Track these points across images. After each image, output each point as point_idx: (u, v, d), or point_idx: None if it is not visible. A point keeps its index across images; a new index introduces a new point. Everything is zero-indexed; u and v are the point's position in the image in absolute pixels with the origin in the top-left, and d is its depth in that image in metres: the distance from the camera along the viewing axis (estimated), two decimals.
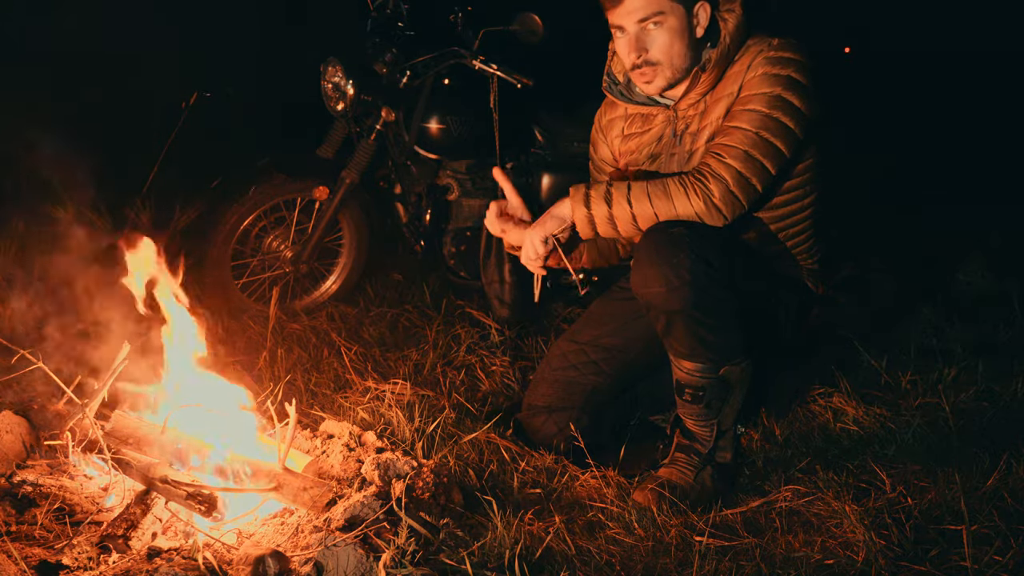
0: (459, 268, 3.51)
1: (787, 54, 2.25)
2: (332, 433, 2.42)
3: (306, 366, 2.99)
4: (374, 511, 2.01)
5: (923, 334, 3.19)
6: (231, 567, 1.91)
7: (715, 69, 2.29)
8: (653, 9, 2.25)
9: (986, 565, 1.95)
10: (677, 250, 2.14)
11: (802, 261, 2.49)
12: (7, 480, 2.14)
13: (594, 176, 2.66)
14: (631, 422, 2.70)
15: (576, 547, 2.06)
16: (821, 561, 2.00)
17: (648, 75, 2.32)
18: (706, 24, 2.29)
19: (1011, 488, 2.19)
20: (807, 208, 2.42)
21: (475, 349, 3.12)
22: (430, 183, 3.48)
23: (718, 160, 2.20)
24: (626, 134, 2.50)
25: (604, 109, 2.59)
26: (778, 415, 2.68)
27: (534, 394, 2.65)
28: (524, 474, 2.36)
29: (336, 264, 3.58)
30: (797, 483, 2.30)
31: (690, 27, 2.28)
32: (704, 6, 2.28)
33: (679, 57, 2.30)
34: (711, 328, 2.21)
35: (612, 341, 2.62)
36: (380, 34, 3.35)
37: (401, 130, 3.38)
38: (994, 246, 3.94)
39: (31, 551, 1.94)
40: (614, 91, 2.49)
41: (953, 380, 2.79)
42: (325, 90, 3.36)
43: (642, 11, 2.25)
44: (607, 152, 2.57)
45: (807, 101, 2.24)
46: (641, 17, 2.26)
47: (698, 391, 2.30)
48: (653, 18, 2.25)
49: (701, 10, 2.28)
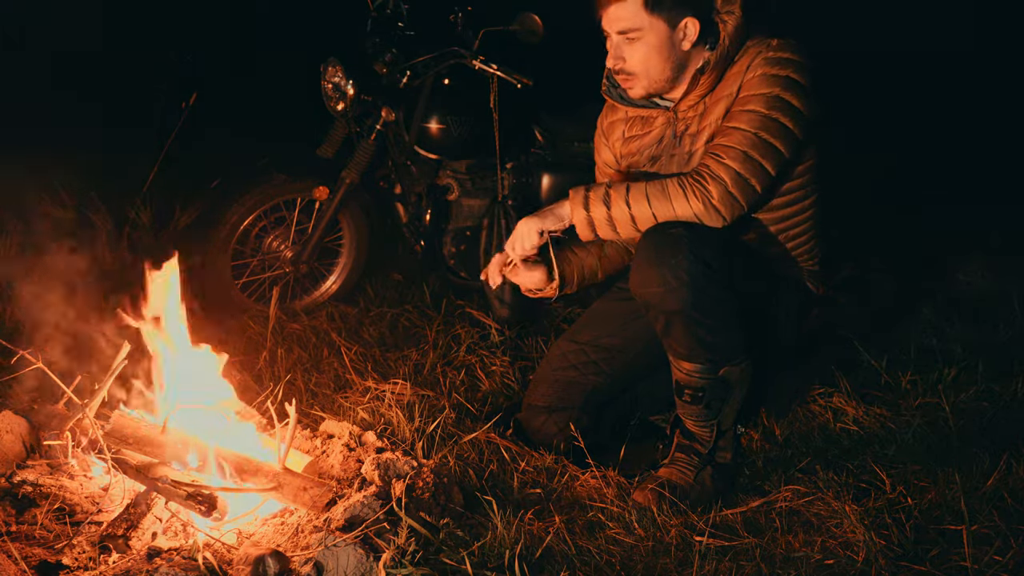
0: (459, 268, 3.51)
1: (786, 55, 2.24)
2: (332, 433, 2.42)
3: (306, 366, 2.99)
4: (374, 511, 2.01)
5: (923, 334, 3.19)
6: (231, 567, 1.91)
7: (714, 71, 2.29)
8: (631, 24, 2.26)
9: (986, 565, 1.95)
10: (676, 251, 2.14)
11: (802, 262, 2.49)
12: (7, 480, 2.14)
13: (599, 180, 2.66)
14: (631, 422, 2.70)
15: (576, 547, 2.06)
16: (821, 561, 2.00)
17: (628, 83, 2.36)
18: (695, 37, 2.28)
19: (1011, 488, 2.20)
20: (807, 209, 2.42)
21: (475, 349, 3.12)
22: (430, 183, 3.48)
23: (717, 161, 2.20)
24: (627, 137, 2.50)
25: (605, 112, 2.60)
26: (778, 415, 2.68)
27: (534, 394, 2.65)
28: (524, 474, 2.36)
29: (336, 264, 3.58)
30: (797, 483, 2.30)
31: (672, 42, 2.28)
32: (692, 21, 2.27)
33: (656, 71, 2.30)
34: (710, 329, 2.21)
35: (612, 341, 2.62)
36: (380, 34, 3.35)
37: (401, 130, 3.38)
38: (994, 246, 3.94)
39: (31, 551, 1.94)
40: (613, 94, 2.49)
41: (953, 380, 2.79)
42: (325, 90, 3.36)
43: (619, 24, 2.28)
44: (609, 155, 2.57)
45: (806, 102, 2.24)
46: (619, 29, 2.28)
47: (698, 392, 2.30)
48: (630, 33, 2.27)
49: (689, 24, 2.27)
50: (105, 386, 2.28)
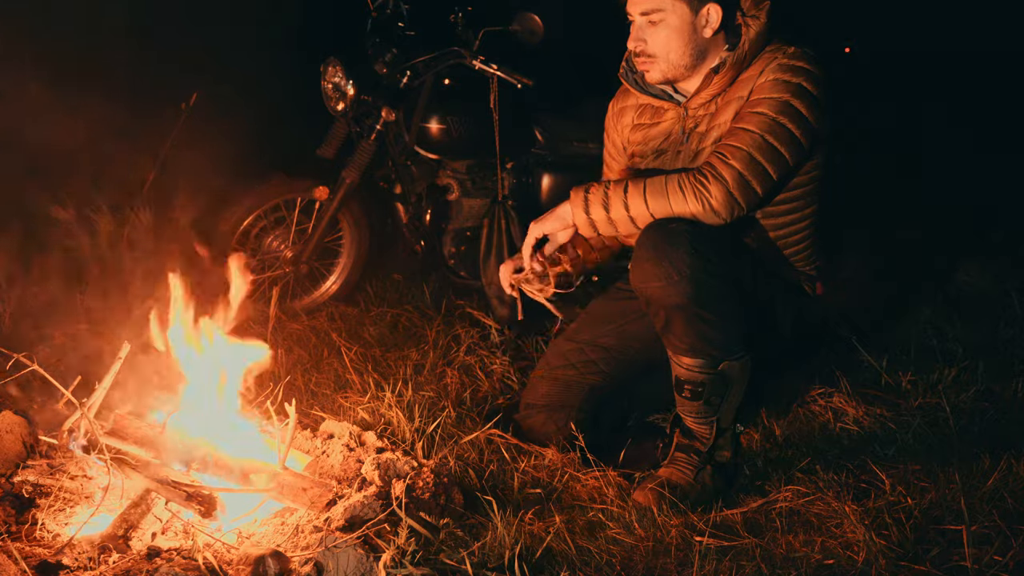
0: (459, 268, 3.51)
1: (800, 63, 2.26)
2: (332, 433, 2.42)
3: (306, 366, 2.99)
4: (374, 511, 2.01)
5: (923, 334, 3.19)
6: (231, 567, 1.91)
7: (729, 72, 2.31)
8: (653, 5, 2.30)
9: (986, 565, 1.94)
10: (676, 245, 2.15)
11: (800, 267, 2.50)
12: (7, 480, 2.14)
13: (607, 163, 2.69)
14: (629, 422, 2.70)
15: (576, 547, 2.06)
16: (821, 561, 2.00)
17: (646, 65, 2.37)
18: (716, 25, 2.30)
19: (1011, 488, 2.19)
20: (807, 218, 2.44)
21: (475, 349, 3.12)
22: (430, 183, 3.48)
23: (721, 160, 2.21)
24: (636, 124, 2.52)
25: (617, 97, 2.62)
26: (778, 415, 2.68)
27: (533, 393, 2.65)
28: (524, 474, 2.35)
29: (336, 264, 3.58)
30: (797, 483, 2.30)
31: (694, 27, 2.30)
32: (715, 8, 2.29)
33: (676, 54, 2.32)
34: (710, 323, 2.21)
35: (611, 341, 2.63)
36: (380, 34, 3.35)
37: (401, 130, 3.38)
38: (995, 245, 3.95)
39: (31, 551, 1.94)
40: (629, 79, 2.51)
41: (953, 380, 2.78)
42: (325, 90, 3.36)
43: (642, 5, 2.31)
44: (618, 139, 2.60)
45: (815, 112, 2.25)
46: (642, 10, 2.31)
47: (697, 387, 2.30)
48: (653, 14, 2.30)
49: (712, 11, 2.29)
50: (105, 386, 2.28)
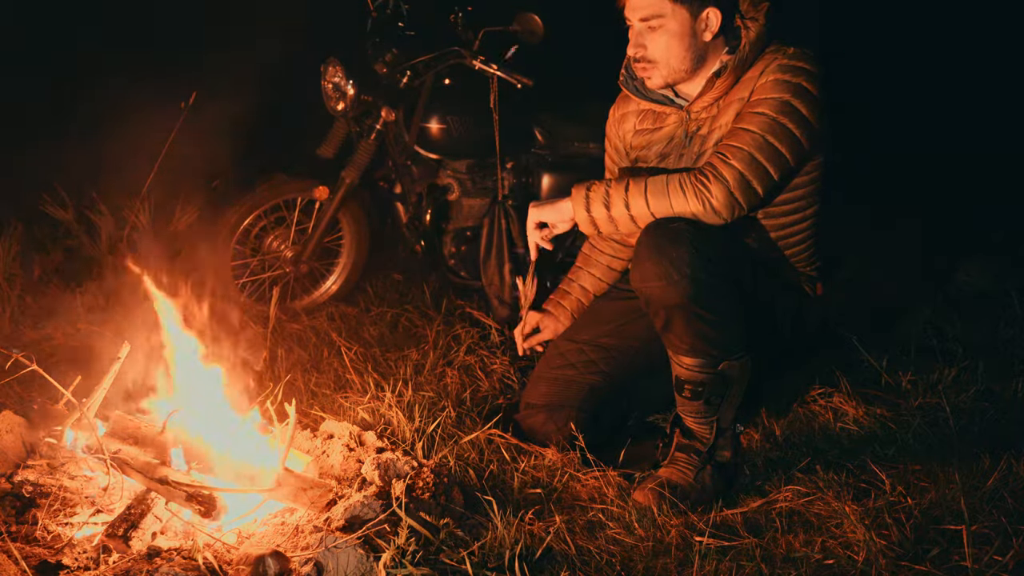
0: (459, 268, 3.51)
1: (800, 63, 2.26)
2: (332, 433, 2.42)
3: (306, 366, 2.99)
4: (374, 511, 2.01)
5: (923, 334, 3.19)
6: (231, 567, 1.91)
7: (731, 75, 2.31)
8: (653, 11, 2.29)
9: (986, 565, 1.94)
10: (677, 244, 2.15)
11: (800, 267, 2.50)
12: (7, 480, 2.14)
13: (609, 168, 2.69)
14: (629, 422, 2.70)
15: (576, 547, 2.06)
16: (821, 561, 2.00)
17: (646, 71, 2.37)
18: (716, 29, 2.30)
19: (1011, 488, 2.19)
20: (807, 219, 2.44)
21: (475, 349, 3.12)
22: (430, 183, 3.48)
23: (722, 160, 2.21)
24: (638, 129, 2.53)
25: (618, 103, 2.62)
26: (778, 415, 2.68)
27: (532, 393, 2.65)
28: (524, 474, 2.35)
29: (336, 264, 3.58)
30: (797, 483, 2.30)
31: (694, 31, 2.30)
32: (714, 12, 2.29)
33: (676, 59, 2.32)
34: (710, 323, 2.21)
35: (610, 340, 2.63)
36: (380, 34, 3.35)
37: (401, 130, 3.38)
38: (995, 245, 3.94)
39: (31, 551, 1.94)
40: (630, 86, 2.51)
41: (953, 380, 2.78)
42: (325, 90, 3.36)
43: (642, 11, 2.31)
44: (620, 145, 2.60)
45: (815, 112, 2.25)
46: (642, 16, 2.31)
47: (697, 387, 2.30)
48: (652, 20, 2.30)
49: (711, 15, 2.29)
50: (105, 386, 2.28)
